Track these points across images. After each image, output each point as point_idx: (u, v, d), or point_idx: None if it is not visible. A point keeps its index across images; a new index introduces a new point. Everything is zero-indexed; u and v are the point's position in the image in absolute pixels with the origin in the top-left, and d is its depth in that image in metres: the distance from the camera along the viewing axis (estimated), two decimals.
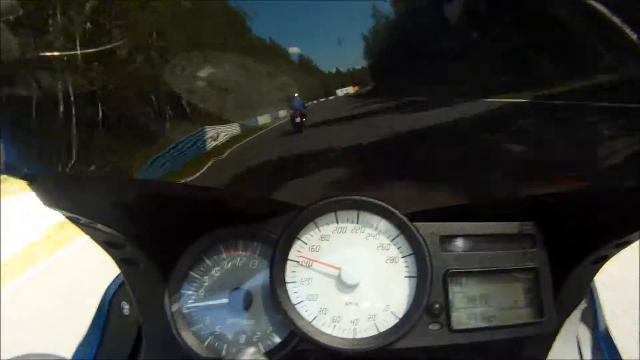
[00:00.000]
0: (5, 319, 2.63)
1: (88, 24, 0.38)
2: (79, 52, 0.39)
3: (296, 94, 0.50)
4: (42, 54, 0.38)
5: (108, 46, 0.38)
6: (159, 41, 0.42)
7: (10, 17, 0.36)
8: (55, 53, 0.38)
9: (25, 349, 0.81)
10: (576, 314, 0.67)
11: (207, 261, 0.60)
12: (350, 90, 0.52)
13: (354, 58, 0.49)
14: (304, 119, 0.52)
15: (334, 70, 0.50)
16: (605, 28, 0.42)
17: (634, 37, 0.41)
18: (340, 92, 0.53)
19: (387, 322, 0.56)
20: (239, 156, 0.50)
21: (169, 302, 0.57)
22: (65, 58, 0.38)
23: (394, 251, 0.58)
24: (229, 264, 0.60)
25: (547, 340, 0.65)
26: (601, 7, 0.41)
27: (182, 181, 0.46)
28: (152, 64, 0.43)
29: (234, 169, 0.51)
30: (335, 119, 0.54)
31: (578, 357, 0.67)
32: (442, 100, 0.51)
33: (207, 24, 0.45)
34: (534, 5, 0.44)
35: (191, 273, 0.59)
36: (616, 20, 0.41)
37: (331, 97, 0.53)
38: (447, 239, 0.59)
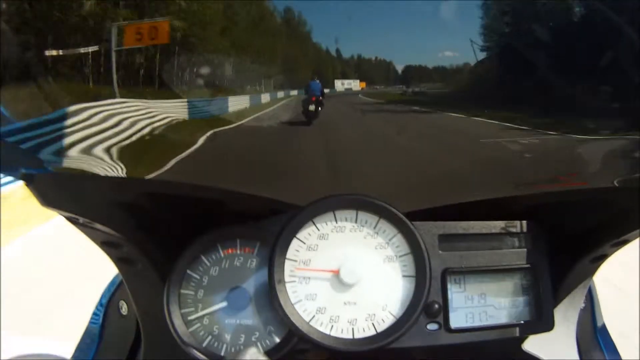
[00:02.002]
0: None
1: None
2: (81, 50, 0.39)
3: (316, 78, 0.42)
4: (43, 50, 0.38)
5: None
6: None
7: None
8: (53, 52, 0.38)
9: None
10: (575, 314, 0.67)
11: (206, 261, 0.60)
12: (355, 84, 0.46)
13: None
14: (320, 108, 0.43)
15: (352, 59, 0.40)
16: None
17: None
18: (339, 83, 0.47)
19: (385, 321, 0.56)
20: (239, 152, 0.48)
21: (167, 302, 0.57)
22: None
23: (392, 250, 0.58)
24: (228, 264, 0.60)
25: (547, 339, 0.65)
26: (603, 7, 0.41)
27: (177, 179, 0.46)
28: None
29: (232, 167, 0.50)
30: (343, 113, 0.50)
31: (577, 357, 0.67)
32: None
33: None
34: None
35: (189, 273, 0.59)
36: (617, 20, 0.41)
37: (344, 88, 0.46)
38: (445, 238, 0.59)
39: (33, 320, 2.46)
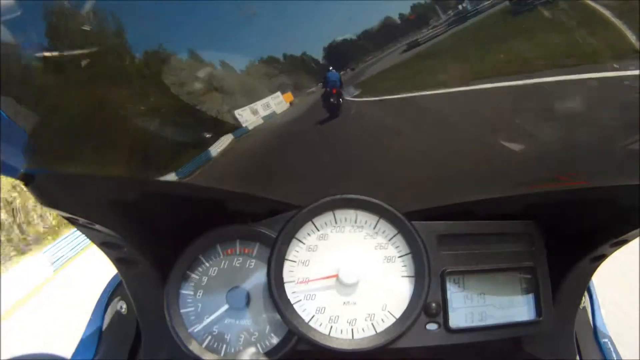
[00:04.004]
0: None
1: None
2: (77, 52, 0.39)
3: (331, 67, 0.39)
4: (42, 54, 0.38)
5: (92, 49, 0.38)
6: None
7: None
8: (55, 53, 0.38)
9: None
10: (574, 313, 0.67)
11: (205, 261, 0.60)
12: (278, 102, 0.40)
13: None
14: (342, 100, 0.41)
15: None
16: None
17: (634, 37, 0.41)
18: (249, 113, 0.39)
19: (384, 321, 0.56)
20: (239, 153, 0.48)
21: (167, 303, 0.57)
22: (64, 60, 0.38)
23: (391, 250, 0.58)
24: (227, 264, 0.60)
25: (546, 339, 0.65)
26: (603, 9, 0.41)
27: (179, 180, 0.46)
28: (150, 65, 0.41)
29: (232, 167, 0.50)
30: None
31: (577, 357, 0.67)
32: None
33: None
34: None
35: (189, 273, 0.59)
36: (617, 21, 0.41)
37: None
38: (444, 238, 0.59)
39: None
